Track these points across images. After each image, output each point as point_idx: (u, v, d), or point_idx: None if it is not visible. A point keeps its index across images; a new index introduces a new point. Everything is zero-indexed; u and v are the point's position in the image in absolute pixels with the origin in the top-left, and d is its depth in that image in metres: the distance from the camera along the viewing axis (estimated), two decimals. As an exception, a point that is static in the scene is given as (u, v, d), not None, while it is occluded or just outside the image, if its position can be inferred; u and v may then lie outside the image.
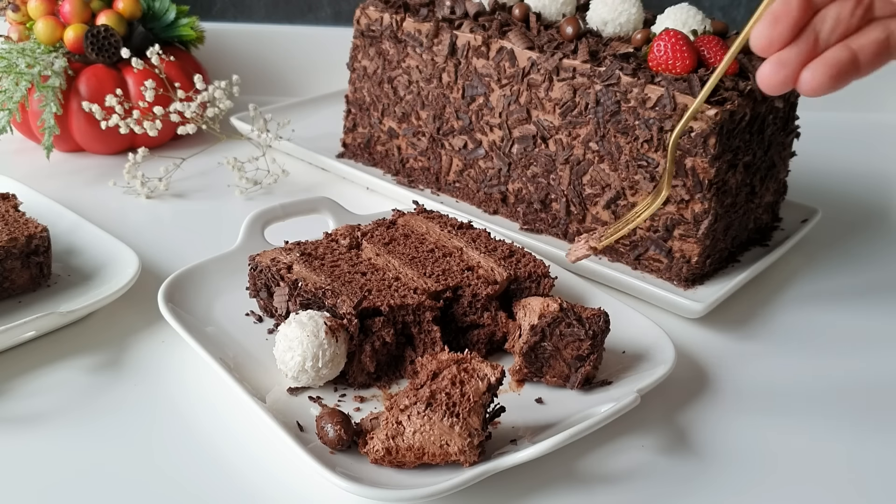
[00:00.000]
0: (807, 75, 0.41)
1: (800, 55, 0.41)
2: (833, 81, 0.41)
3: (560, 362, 0.55)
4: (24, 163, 0.90)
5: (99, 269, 0.66)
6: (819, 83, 0.41)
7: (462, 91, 0.78)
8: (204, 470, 0.50)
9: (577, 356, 0.54)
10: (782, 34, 0.41)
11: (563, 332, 0.54)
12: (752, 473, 0.52)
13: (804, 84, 0.41)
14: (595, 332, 0.54)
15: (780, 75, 0.41)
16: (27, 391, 0.56)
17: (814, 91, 0.41)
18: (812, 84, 0.41)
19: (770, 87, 0.42)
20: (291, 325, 0.54)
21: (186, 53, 0.96)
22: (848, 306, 0.71)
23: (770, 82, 0.42)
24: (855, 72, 0.42)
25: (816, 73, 0.41)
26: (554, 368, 0.55)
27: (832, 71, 0.41)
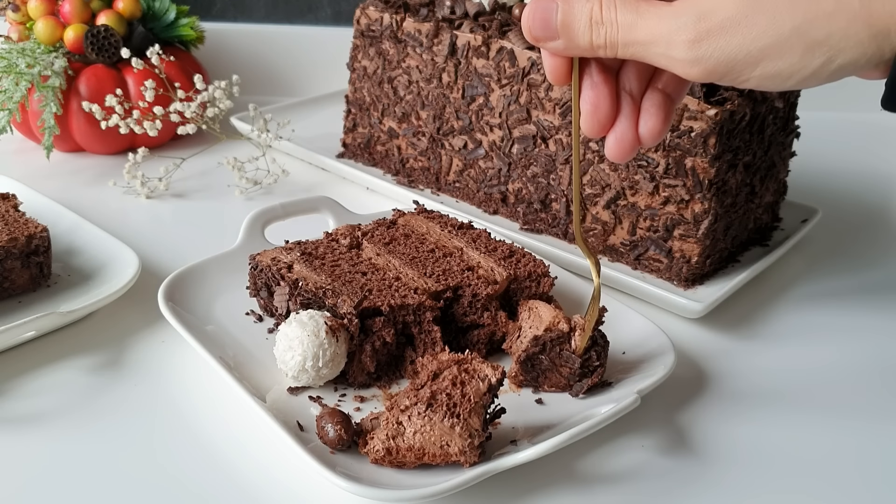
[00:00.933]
0: (643, 130, 0.44)
1: (629, 121, 0.44)
2: (664, 123, 0.44)
3: (556, 375, 0.55)
4: (24, 163, 0.90)
5: (99, 269, 0.66)
6: (655, 131, 0.44)
7: (462, 91, 0.78)
8: (204, 470, 0.50)
9: (572, 373, 0.54)
10: (606, 113, 0.44)
11: (561, 353, 0.54)
12: (752, 473, 0.52)
13: (645, 138, 0.44)
14: (593, 358, 0.55)
15: (626, 145, 0.44)
16: (27, 391, 0.56)
17: (654, 139, 0.44)
18: (650, 133, 0.44)
19: (622, 158, 0.45)
20: (292, 324, 0.54)
21: (186, 53, 0.96)
22: (848, 306, 0.71)
23: (620, 155, 0.44)
24: (672, 104, 0.45)
25: (649, 125, 0.44)
26: (550, 380, 0.55)
27: (659, 116, 0.44)
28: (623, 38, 0.40)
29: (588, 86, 0.44)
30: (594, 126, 0.44)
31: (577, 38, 0.41)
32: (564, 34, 0.41)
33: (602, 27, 0.40)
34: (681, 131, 0.65)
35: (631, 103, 0.44)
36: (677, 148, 0.65)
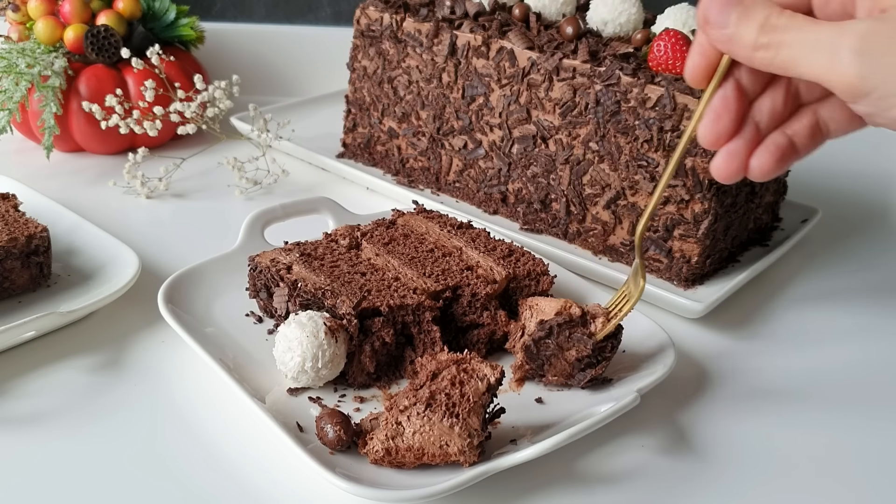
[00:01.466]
0: (755, 162, 0.44)
1: (746, 145, 0.44)
2: (778, 165, 0.44)
3: (562, 361, 0.55)
4: (24, 163, 0.90)
5: (99, 269, 0.66)
6: (766, 169, 0.44)
7: (462, 91, 0.78)
8: (204, 470, 0.50)
9: (580, 358, 0.54)
10: (727, 128, 0.44)
11: (571, 335, 0.54)
12: (752, 473, 0.52)
13: (753, 170, 0.44)
14: (607, 347, 0.54)
15: (733, 166, 0.44)
16: (27, 391, 0.56)
17: (763, 175, 0.44)
18: (761, 170, 0.44)
19: (725, 177, 0.45)
20: (291, 325, 0.54)
21: (186, 53, 0.96)
22: (848, 306, 0.71)
23: (724, 173, 0.45)
24: (795, 155, 0.45)
25: (762, 160, 0.44)
26: (555, 367, 0.55)
27: (775, 157, 0.44)
28: (788, 38, 0.40)
29: (720, 96, 0.44)
30: (710, 135, 0.44)
31: (745, 33, 0.41)
32: (736, 24, 0.41)
33: (771, 29, 0.40)
34: (681, 131, 0.65)
35: (754, 132, 0.45)
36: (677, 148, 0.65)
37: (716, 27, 0.42)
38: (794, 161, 0.45)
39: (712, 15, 0.42)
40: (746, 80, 0.44)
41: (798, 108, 0.45)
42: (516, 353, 0.57)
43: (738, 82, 0.44)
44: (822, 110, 0.45)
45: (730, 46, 0.42)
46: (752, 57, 0.41)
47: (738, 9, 0.41)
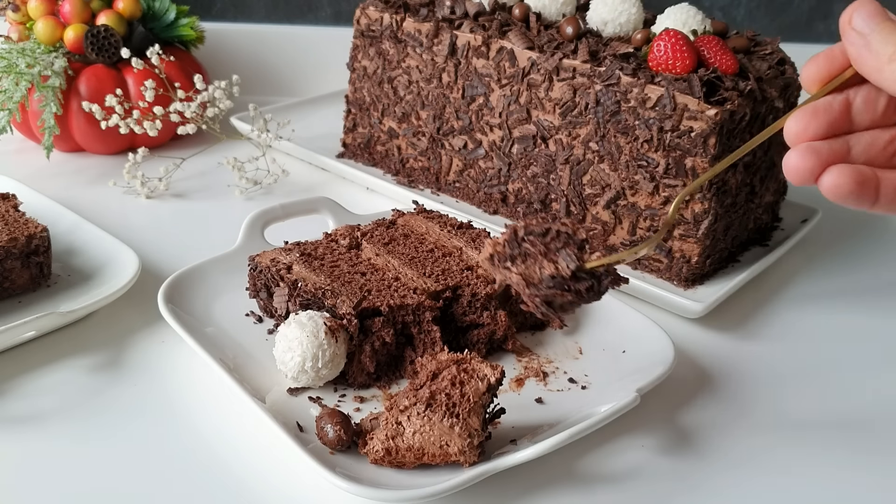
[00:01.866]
0: (833, 173, 0.40)
1: (831, 152, 0.41)
2: (856, 189, 0.40)
3: (535, 267, 0.46)
4: (24, 163, 0.90)
5: (99, 269, 0.66)
6: (841, 185, 0.40)
7: (462, 91, 0.78)
8: (203, 470, 0.50)
9: (553, 276, 0.45)
10: (819, 127, 0.42)
11: (563, 248, 0.46)
12: (751, 473, 0.52)
13: (827, 180, 0.41)
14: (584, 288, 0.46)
15: (809, 163, 0.41)
16: (27, 391, 0.56)
17: (834, 190, 0.40)
18: (835, 182, 0.40)
19: (795, 173, 0.41)
20: (291, 325, 0.54)
21: (186, 53, 0.96)
22: (848, 306, 0.71)
23: (796, 169, 0.41)
24: (873, 197, 0.41)
25: (843, 175, 0.40)
26: (525, 268, 0.46)
27: (858, 180, 0.40)
28: None
29: (825, 100, 0.42)
30: (798, 124, 0.42)
31: (884, 45, 0.39)
32: (879, 34, 0.39)
33: None
34: (681, 131, 0.65)
35: (844, 149, 0.42)
36: (677, 148, 0.65)
37: (858, 31, 0.40)
38: (867, 204, 0.41)
39: (858, 19, 0.40)
40: (858, 105, 0.42)
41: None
42: (503, 233, 0.48)
43: (849, 102, 0.42)
44: None
45: (863, 55, 0.40)
46: (881, 69, 0.39)
47: (886, 22, 0.39)
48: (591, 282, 0.45)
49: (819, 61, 0.43)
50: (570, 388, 0.57)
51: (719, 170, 0.46)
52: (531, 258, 0.46)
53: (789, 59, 0.73)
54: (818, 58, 0.43)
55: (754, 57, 0.71)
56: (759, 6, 1.14)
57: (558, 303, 0.45)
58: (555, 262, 0.45)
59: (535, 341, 0.62)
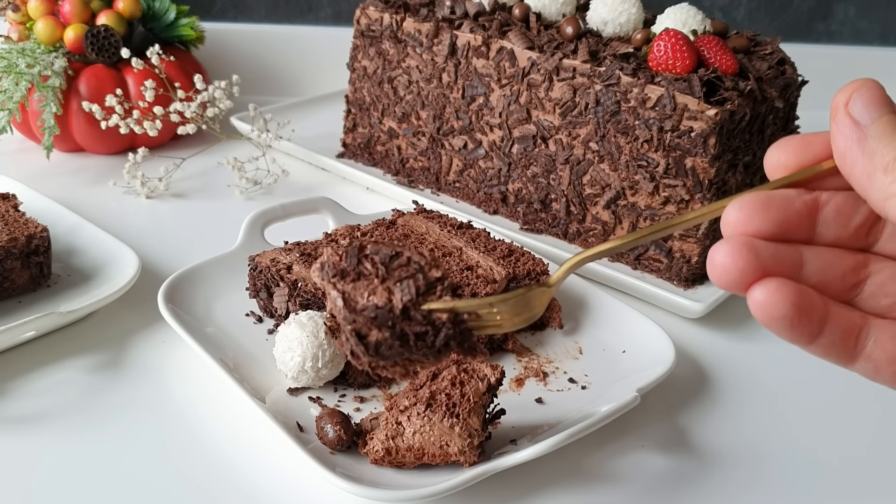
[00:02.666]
0: (770, 286, 0.29)
1: (775, 259, 0.30)
2: (795, 315, 0.29)
3: (364, 292, 0.36)
4: (24, 163, 0.90)
5: (99, 269, 0.66)
6: (776, 304, 0.29)
7: (462, 91, 0.78)
8: (204, 470, 0.50)
9: (379, 307, 0.36)
10: (767, 223, 0.31)
11: (405, 267, 0.37)
12: (751, 473, 0.52)
13: (759, 294, 0.29)
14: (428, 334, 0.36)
15: (741, 262, 0.29)
16: (27, 391, 0.56)
17: (765, 309, 0.29)
18: (770, 299, 0.29)
19: (722, 271, 0.30)
20: (291, 325, 0.54)
21: (186, 53, 0.96)
22: (848, 306, 0.71)
23: (724, 265, 0.30)
24: (814, 332, 0.30)
25: (781, 292, 0.29)
26: (354, 290, 0.37)
27: (800, 304, 0.29)
28: None
29: (779, 199, 0.31)
30: (736, 217, 0.31)
31: (884, 147, 0.29)
32: (878, 128, 0.29)
33: None
34: (681, 131, 0.65)
35: (788, 260, 0.31)
36: (677, 148, 0.65)
37: (854, 119, 0.30)
38: (808, 340, 0.30)
39: (857, 105, 0.30)
40: (828, 213, 0.31)
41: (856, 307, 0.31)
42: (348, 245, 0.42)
43: (817, 205, 0.31)
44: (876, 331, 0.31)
45: (853, 153, 0.30)
46: (872, 177, 0.29)
47: (891, 116, 0.30)
48: (425, 327, 0.35)
49: (790, 147, 0.32)
50: (570, 388, 0.57)
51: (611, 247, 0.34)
52: (364, 279, 0.37)
53: (789, 60, 0.73)
54: (790, 142, 0.32)
55: (754, 57, 0.71)
56: (758, 6, 1.14)
57: (373, 340, 0.35)
58: (390, 290, 0.37)
59: (535, 341, 0.62)
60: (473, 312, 0.35)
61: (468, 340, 0.36)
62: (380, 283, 0.36)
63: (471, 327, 0.35)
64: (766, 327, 0.30)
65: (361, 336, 0.35)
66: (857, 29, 1.15)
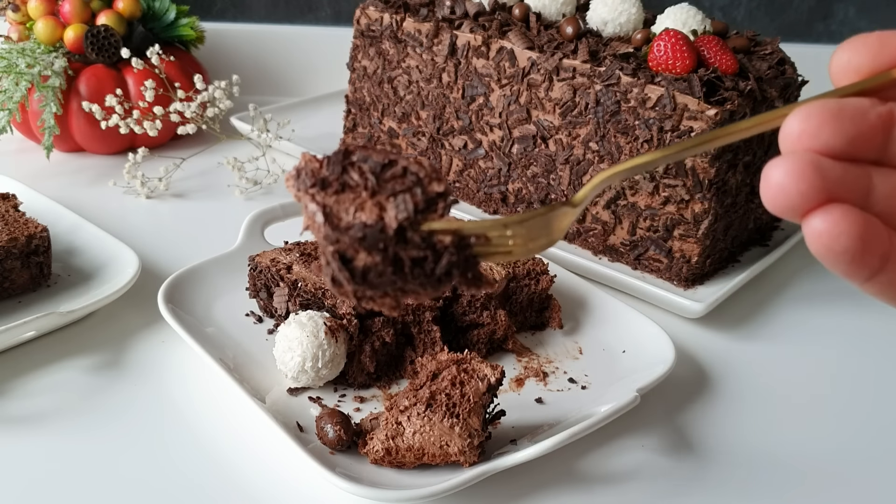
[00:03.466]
0: (834, 214, 0.25)
1: (842, 182, 0.26)
2: (858, 248, 0.26)
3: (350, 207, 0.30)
4: (24, 163, 0.90)
5: (99, 269, 0.66)
6: (841, 235, 0.25)
7: (462, 91, 0.78)
8: (204, 470, 0.50)
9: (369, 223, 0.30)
10: (838, 137, 0.26)
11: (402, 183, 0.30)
12: (752, 473, 0.52)
13: (820, 223, 0.26)
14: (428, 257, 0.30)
15: (805, 185, 0.25)
16: (27, 391, 0.56)
17: (827, 240, 0.26)
18: (834, 228, 0.25)
19: (781, 194, 0.26)
20: (291, 325, 0.54)
21: (186, 53, 0.96)
22: (848, 306, 0.71)
23: (784, 187, 0.26)
24: (875, 267, 0.26)
25: (848, 220, 0.25)
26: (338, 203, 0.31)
27: (865, 236, 0.26)
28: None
29: (852, 109, 0.26)
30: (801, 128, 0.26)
31: None
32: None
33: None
34: (681, 131, 0.65)
35: (856, 184, 0.27)
36: (677, 148, 0.65)
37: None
38: (867, 276, 0.27)
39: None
40: None
41: None
42: None
43: (893, 118, 0.27)
44: None
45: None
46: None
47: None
48: (423, 252, 0.30)
49: (864, 47, 0.28)
50: (570, 388, 0.57)
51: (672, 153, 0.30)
52: (351, 191, 0.31)
53: (789, 60, 0.73)
54: (865, 41, 0.28)
55: (754, 57, 0.71)
56: (758, 6, 1.14)
57: (361, 266, 0.30)
58: (381, 206, 0.30)
59: (535, 341, 0.62)
60: (482, 235, 0.30)
61: (473, 268, 0.30)
62: (369, 196, 0.30)
63: (476, 253, 0.30)
64: (822, 260, 0.27)
65: (346, 260, 0.30)
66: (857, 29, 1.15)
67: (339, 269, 0.30)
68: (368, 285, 0.30)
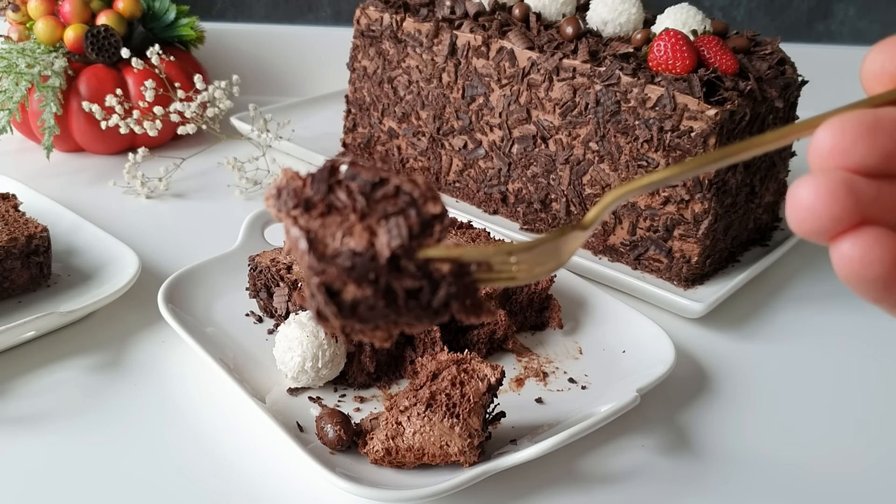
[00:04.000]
0: (867, 238, 0.23)
1: (877, 202, 0.23)
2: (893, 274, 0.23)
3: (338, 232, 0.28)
4: (24, 163, 0.90)
5: (99, 269, 0.66)
6: (875, 262, 0.23)
7: (462, 91, 0.78)
8: (204, 470, 0.50)
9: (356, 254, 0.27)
10: (873, 152, 0.23)
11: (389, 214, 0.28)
12: (751, 474, 0.52)
13: (851, 248, 0.23)
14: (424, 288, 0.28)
15: (837, 207, 0.23)
16: (27, 391, 0.56)
17: (861, 266, 0.23)
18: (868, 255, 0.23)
19: (809, 215, 0.24)
20: (291, 325, 0.54)
21: (186, 53, 0.96)
22: (848, 306, 0.71)
23: (813, 208, 0.23)
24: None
25: (883, 246, 0.23)
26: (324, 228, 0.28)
27: None
28: None
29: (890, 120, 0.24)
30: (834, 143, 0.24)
31: None
32: None
33: None
34: (681, 131, 0.65)
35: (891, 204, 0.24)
36: (677, 148, 0.65)
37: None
38: None
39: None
40: None
41: None
42: None
43: None
44: None
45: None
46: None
47: None
48: (419, 282, 0.27)
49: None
50: (570, 388, 0.57)
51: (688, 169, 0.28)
52: (338, 213, 0.28)
53: (789, 60, 0.73)
54: None
55: (754, 57, 0.71)
56: (758, 6, 1.14)
57: (349, 299, 0.27)
58: (371, 230, 0.27)
59: (535, 341, 0.62)
60: (484, 263, 0.27)
61: (472, 295, 0.28)
62: (358, 219, 0.27)
63: (476, 279, 0.27)
64: (850, 286, 0.24)
65: (333, 292, 0.27)
66: (857, 29, 1.15)
67: (326, 302, 0.27)
68: (358, 319, 0.27)
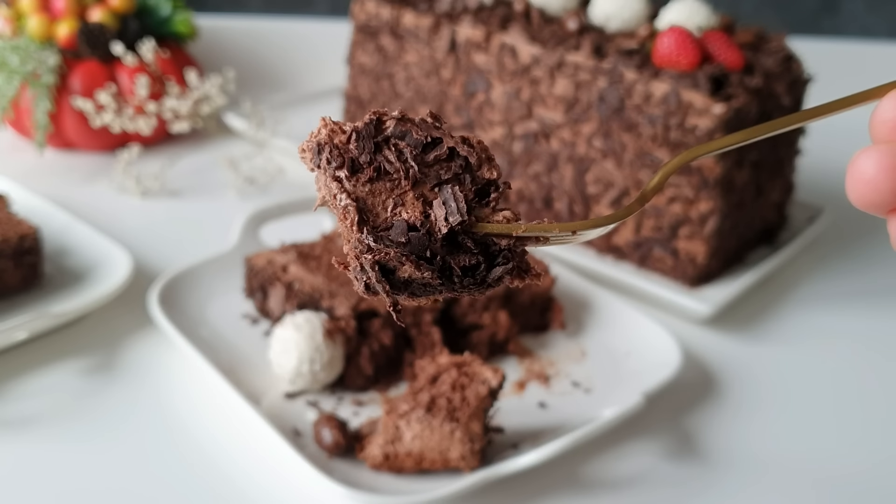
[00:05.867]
0: None
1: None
2: None
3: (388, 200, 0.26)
4: (16, 160, 0.89)
5: (91, 269, 0.65)
6: None
7: (462, 87, 0.77)
8: (198, 475, 0.49)
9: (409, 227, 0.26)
10: None
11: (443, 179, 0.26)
12: (761, 480, 0.51)
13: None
14: None
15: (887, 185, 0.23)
16: (18, 394, 0.55)
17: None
18: None
19: (873, 187, 0.24)
20: (287, 327, 0.53)
21: (180, 49, 0.95)
22: (857, 307, 0.70)
23: (878, 180, 0.24)
24: None
25: None
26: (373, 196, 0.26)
27: None
28: None
29: None
30: None
31: None
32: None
33: None
34: (686, 128, 0.63)
35: None
36: (683, 145, 0.64)
37: None
38: None
39: None
40: None
41: None
42: None
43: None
44: None
45: None
46: None
47: None
48: (476, 257, 0.26)
49: None
50: (574, 392, 0.56)
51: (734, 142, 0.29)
52: (387, 180, 0.26)
53: (796, 55, 0.72)
54: None
55: (760, 53, 0.70)
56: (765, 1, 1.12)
57: (402, 279, 0.26)
58: (425, 199, 0.26)
59: (537, 343, 0.61)
60: (543, 238, 0.26)
61: (523, 265, 0.27)
62: (409, 186, 0.25)
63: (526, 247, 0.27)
64: None
65: (386, 272, 0.25)
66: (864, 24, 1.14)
67: (378, 279, 0.25)
68: (410, 294, 0.26)
